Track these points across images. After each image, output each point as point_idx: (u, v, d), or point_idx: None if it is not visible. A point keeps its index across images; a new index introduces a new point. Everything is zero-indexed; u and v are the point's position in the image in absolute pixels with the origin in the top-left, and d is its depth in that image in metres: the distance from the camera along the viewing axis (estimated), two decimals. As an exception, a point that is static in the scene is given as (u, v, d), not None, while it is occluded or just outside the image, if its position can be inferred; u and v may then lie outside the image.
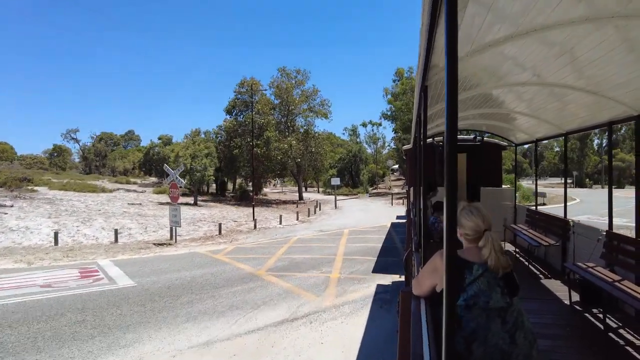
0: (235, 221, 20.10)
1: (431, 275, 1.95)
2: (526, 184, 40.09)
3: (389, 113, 42.98)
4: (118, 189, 33.32)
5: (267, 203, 32.99)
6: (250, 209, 25.85)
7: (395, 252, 11.31)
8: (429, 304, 2.16)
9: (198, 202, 27.32)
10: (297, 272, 9.09)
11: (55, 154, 67.51)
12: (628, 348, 3.53)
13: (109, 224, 16.67)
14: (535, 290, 5.32)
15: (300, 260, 10.35)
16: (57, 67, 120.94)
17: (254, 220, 18.69)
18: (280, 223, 19.33)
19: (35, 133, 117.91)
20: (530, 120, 6.62)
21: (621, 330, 3.88)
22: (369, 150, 56.85)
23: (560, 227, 6.31)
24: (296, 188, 51.25)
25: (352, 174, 49.85)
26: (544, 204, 23.71)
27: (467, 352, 1.70)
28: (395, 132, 44.33)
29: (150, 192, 32.76)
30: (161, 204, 25.24)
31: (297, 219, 20.98)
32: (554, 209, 21.88)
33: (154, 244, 13.28)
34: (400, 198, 33.28)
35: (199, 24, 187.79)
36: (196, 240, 14.52)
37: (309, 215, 23.10)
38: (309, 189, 58.24)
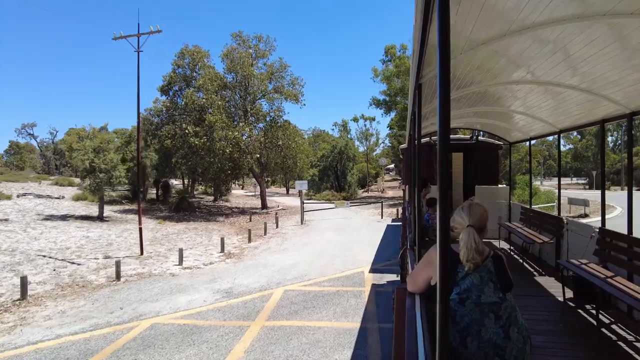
0: (107, 257, 11.18)
1: (426, 269, 1.98)
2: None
3: (380, 99, 33.28)
4: (26, 194, 24.81)
5: (217, 214, 23.68)
6: (181, 226, 17.77)
7: None
8: (424, 300, 2.17)
9: (107, 215, 19.78)
10: None
11: (12, 152, 59.03)
12: (620, 343, 3.57)
13: None
14: (529, 287, 5.36)
15: None
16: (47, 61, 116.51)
17: (117, 264, 9.14)
18: (180, 263, 10.62)
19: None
20: (525, 119, 6.67)
21: (614, 326, 3.92)
22: (361, 149, 50.20)
23: (554, 224, 6.36)
24: (278, 190, 42.72)
25: (338, 174, 40.19)
26: (585, 215, 18.93)
27: (462, 346, 1.72)
28: (390, 128, 37.40)
29: (69, 198, 24.99)
30: (47, 218, 17.37)
31: (222, 251, 12.23)
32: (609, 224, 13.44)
33: None
34: (394, 205, 24.57)
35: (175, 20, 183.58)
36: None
37: (249, 240, 14.09)
38: (291, 191, 47.57)
